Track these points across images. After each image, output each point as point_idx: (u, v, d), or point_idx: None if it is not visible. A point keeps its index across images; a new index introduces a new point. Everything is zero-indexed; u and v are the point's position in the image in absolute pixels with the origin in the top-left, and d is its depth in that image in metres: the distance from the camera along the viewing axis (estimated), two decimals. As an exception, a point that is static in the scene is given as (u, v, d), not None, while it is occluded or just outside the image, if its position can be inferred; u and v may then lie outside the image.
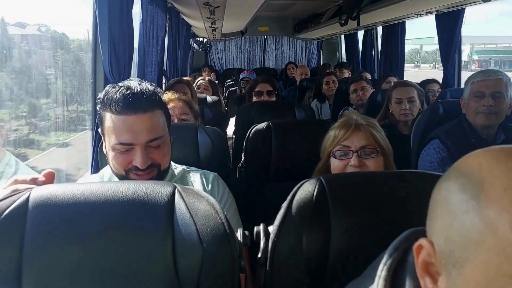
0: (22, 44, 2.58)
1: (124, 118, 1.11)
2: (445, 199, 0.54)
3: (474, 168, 0.52)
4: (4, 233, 0.78)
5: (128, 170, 1.14)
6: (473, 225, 0.48)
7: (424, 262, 0.56)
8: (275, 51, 8.53)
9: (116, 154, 1.13)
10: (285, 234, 0.93)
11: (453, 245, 0.51)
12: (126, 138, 1.11)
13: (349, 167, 1.35)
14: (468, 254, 0.49)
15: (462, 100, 2.01)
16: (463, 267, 0.49)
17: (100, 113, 1.16)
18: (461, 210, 0.50)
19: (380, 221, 0.92)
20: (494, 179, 0.48)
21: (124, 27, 2.04)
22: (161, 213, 0.81)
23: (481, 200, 0.48)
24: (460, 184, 0.52)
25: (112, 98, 1.11)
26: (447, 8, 3.29)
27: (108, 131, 1.13)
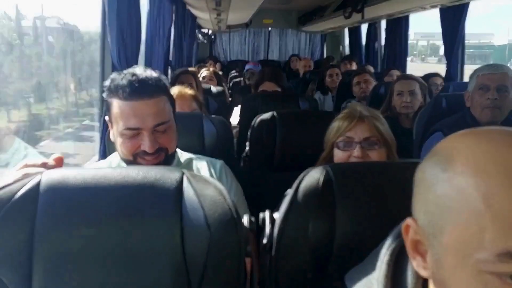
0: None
1: (131, 103, 1.13)
2: (421, 177, 0.59)
3: (443, 147, 0.57)
4: (16, 216, 0.80)
5: (136, 155, 1.16)
6: (444, 193, 0.53)
7: (413, 242, 0.60)
8: (279, 43, 8.51)
9: (124, 140, 1.15)
10: (291, 220, 0.94)
11: (431, 215, 0.55)
12: (133, 123, 1.13)
13: (352, 158, 1.36)
14: (444, 221, 0.53)
15: (466, 93, 2.01)
16: (441, 235, 0.54)
17: (107, 100, 1.19)
18: (433, 183, 0.55)
19: (385, 210, 0.94)
20: (459, 152, 0.54)
21: (132, 16, 2.06)
22: (169, 198, 0.82)
23: (449, 171, 0.54)
24: (432, 161, 0.57)
25: (119, 84, 1.14)
26: (451, 2, 3.29)
27: (116, 117, 1.16)
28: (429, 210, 0.56)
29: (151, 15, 2.96)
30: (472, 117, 1.97)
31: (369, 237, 0.85)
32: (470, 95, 1.98)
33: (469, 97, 1.99)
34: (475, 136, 0.56)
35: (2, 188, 0.81)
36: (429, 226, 0.56)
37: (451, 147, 0.56)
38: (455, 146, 0.56)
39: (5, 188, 0.81)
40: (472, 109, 1.97)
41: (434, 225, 0.55)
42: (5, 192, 0.81)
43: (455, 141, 0.57)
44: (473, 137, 0.56)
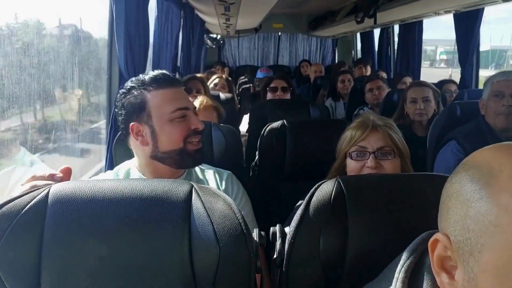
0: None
1: (172, 89, 1.24)
2: (457, 191, 0.56)
3: (482, 160, 0.55)
4: (24, 229, 0.79)
5: (186, 138, 1.23)
6: (488, 211, 0.51)
7: (440, 257, 0.57)
8: (289, 48, 8.49)
9: (175, 124, 1.22)
10: (302, 235, 0.92)
11: (469, 232, 0.52)
12: (183, 103, 1.24)
13: (366, 169, 1.33)
14: (485, 239, 0.51)
15: (481, 101, 1.98)
16: (480, 253, 0.51)
17: (139, 98, 1.22)
18: (475, 198, 0.52)
19: (398, 224, 0.92)
20: (501, 167, 0.52)
21: (140, 23, 2.05)
22: (178, 212, 0.81)
23: (493, 186, 0.51)
24: (470, 175, 0.55)
25: (153, 77, 1.23)
26: (465, 8, 3.24)
27: (158, 107, 1.21)
28: (467, 226, 0.53)
29: (159, 21, 2.96)
30: (487, 125, 1.94)
31: (382, 251, 0.83)
32: (485, 102, 1.95)
33: (483, 104, 1.96)
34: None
35: (11, 201, 0.81)
36: (465, 243, 0.53)
37: (491, 161, 0.54)
38: (495, 159, 0.54)
39: (14, 201, 0.81)
40: (486, 117, 1.95)
41: (472, 243, 0.52)
42: (14, 205, 0.81)
43: (494, 154, 0.55)
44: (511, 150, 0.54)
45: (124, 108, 1.24)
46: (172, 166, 1.25)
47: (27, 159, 1.70)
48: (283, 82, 2.96)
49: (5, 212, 0.79)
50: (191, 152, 1.24)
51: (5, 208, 0.80)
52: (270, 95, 2.95)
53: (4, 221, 0.79)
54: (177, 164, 1.25)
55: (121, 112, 1.25)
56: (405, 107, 2.55)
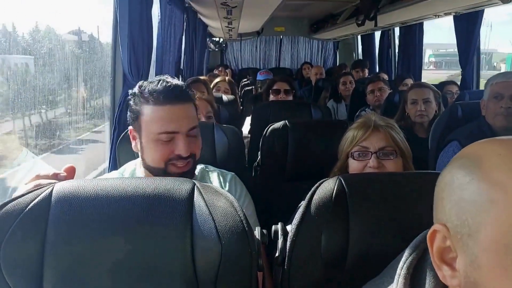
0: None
1: (167, 108, 1.15)
2: (449, 181, 0.58)
3: (469, 151, 0.58)
4: (27, 227, 0.80)
5: (168, 161, 1.17)
6: (481, 189, 0.53)
7: (439, 250, 0.58)
8: (290, 51, 8.50)
9: (158, 145, 1.16)
10: (304, 233, 0.93)
11: (466, 214, 0.54)
12: (171, 126, 1.15)
13: (368, 168, 1.34)
14: (481, 216, 0.52)
15: (482, 101, 2.00)
16: (478, 232, 0.52)
17: (135, 108, 1.19)
18: (467, 181, 0.55)
19: (399, 221, 0.92)
20: (488, 152, 0.55)
21: (144, 27, 2.07)
22: (180, 210, 0.82)
23: (482, 167, 0.54)
24: (459, 164, 0.58)
25: (154, 89, 1.16)
26: (466, 10, 3.25)
27: (148, 123, 1.16)
28: (463, 209, 0.55)
29: (163, 24, 2.98)
30: (488, 126, 1.95)
31: (384, 249, 0.84)
32: (486, 103, 1.97)
33: (484, 105, 1.98)
34: (499, 140, 0.57)
35: (14, 199, 0.82)
36: (463, 226, 0.55)
37: (478, 150, 0.57)
38: (482, 148, 0.57)
39: (17, 199, 0.82)
40: (487, 117, 1.96)
41: (469, 224, 0.54)
42: (18, 204, 0.81)
43: (480, 145, 0.58)
44: (498, 140, 0.57)
45: (129, 110, 1.23)
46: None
47: (29, 160, 1.72)
48: (286, 84, 2.98)
49: (9, 210, 0.80)
50: (172, 174, 1.18)
51: (9, 207, 0.80)
52: (272, 97, 2.97)
53: (7, 219, 0.79)
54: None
55: (128, 113, 1.24)
56: (406, 109, 2.55)
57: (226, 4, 3.68)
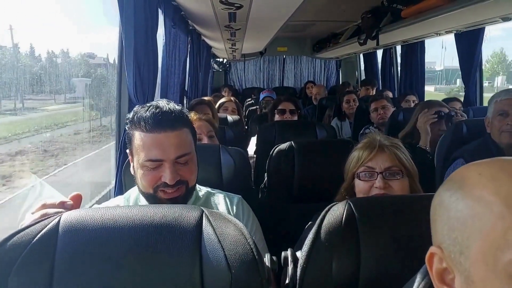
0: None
1: (153, 135, 1.15)
2: (438, 203, 0.62)
3: (454, 174, 0.63)
4: (36, 257, 0.79)
5: (156, 188, 1.16)
6: (464, 206, 0.57)
7: (439, 272, 0.60)
8: (294, 70, 8.56)
9: (145, 172, 1.16)
10: (315, 259, 0.92)
11: (454, 232, 0.58)
12: (155, 154, 1.14)
13: (374, 189, 1.33)
14: (468, 231, 0.56)
15: (486, 119, 2.00)
16: (468, 248, 0.55)
17: (129, 132, 1.20)
18: (452, 200, 0.59)
19: (410, 245, 0.91)
20: (470, 173, 0.59)
21: (149, 50, 2.09)
22: (189, 238, 0.81)
23: (466, 187, 0.58)
24: (446, 186, 0.62)
25: (142, 116, 1.15)
26: (466, 28, 3.27)
27: (137, 149, 1.16)
28: (452, 227, 0.58)
29: (167, 47, 3.02)
30: (493, 143, 1.94)
31: (395, 272, 0.83)
32: (490, 121, 1.97)
33: (489, 122, 1.99)
34: (481, 162, 0.61)
35: (21, 230, 0.81)
36: (454, 244, 0.58)
37: (462, 172, 0.61)
38: (465, 170, 0.61)
39: (25, 230, 0.81)
40: (492, 134, 1.97)
41: (459, 241, 0.57)
42: (25, 235, 0.81)
43: (464, 168, 0.62)
44: (480, 162, 0.61)
45: (126, 133, 1.24)
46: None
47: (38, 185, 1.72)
48: (291, 104, 3.00)
49: (17, 241, 0.80)
50: (163, 200, 1.17)
51: (16, 238, 0.80)
52: (278, 117, 2.98)
53: (15, 250, 0.79)
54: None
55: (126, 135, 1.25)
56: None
57: (229, 26, 3.72)
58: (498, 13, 2.61)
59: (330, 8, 4.27)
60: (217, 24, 3.65)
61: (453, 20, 3.00)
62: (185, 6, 3.09)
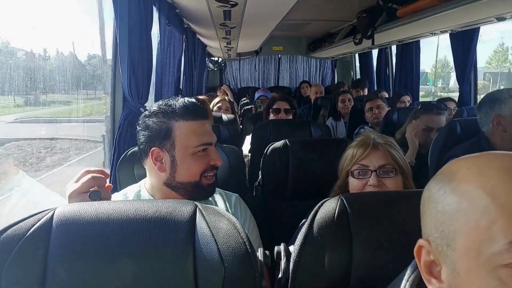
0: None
1: (200, 122, 1.24)
2: (427, 196, 0.63)
3: (444, 168, 0.63)
4: (29, 252, 0.79)
5: (203, 173, 1.24)
6: (452, 201, 0.58)
7: (426, 264, 0.62)
8: (289, 70, 8.58)
9: (197, 158, 1.23)
10: (307, 254, 0.93)
11: (441, 225, 0.59)
12: (207, 139, 1.24)
13: (368, 187, 1.34)
14: (454, 225, 0.57)
15: (496, 117, 1.89)
16: (453, 241, 0.57)
17: (163, 125, 1.21)
18: (440, 194, 0.60)
19: (402, 240, 0.92)
20: (459, 166, 0.60)
21: (143, 48, 2.09)
22: (182, 232, 0.82)
23: (453, 181, 0.59)
24: (435, 180, 0.63)
25: (184, 106, 1.22)
26: (461, 27, 3.29)
27: (185, 138, 1.21)
28: (439, 220, 0.59)
29: (162, 45, 3.01)
30: (487, 142, 1.91)
31: (387, 268, 0.84)
32: (507, 119, 1.84)
33: (500, 121, 1.87)
34: (471, 156, 0.62)
35: (15, 224, 0.81)
36: (441, 237, 0.59)
37: (451, 166, 0.62)
38: (455, 164, 0.62)
39: (19, 224, 0.81)
40: (501, 134, 1.86)
41: (446, 234, 0.58)
42: (19, 228, 0.81)
43: (454, 162, 0.63)
44: (470, 156, 0.62)
45: (149, 130, 1.23)
46: (184, 196, 1.25)
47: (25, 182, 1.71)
48: (286, 103, 3.00)
49: (10, 235, 0.80)
50: (205, 186, 1.25)
51: (10, 231, 0.80)
52: (272, 116, 2.98)
53: (8, 244, 0.79)
54: (189, 195, 1.24)
55: (144, 133, 1.23)
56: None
57: (224, 24, 3.72)
58: (493, 13, 2.63)
59: (325, 7, 4.28)
60: (212, 22, 3.64)
61: (448, 20, 3.01)
62: (180, 3, 3.09)
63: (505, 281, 0.52)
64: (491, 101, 1.93)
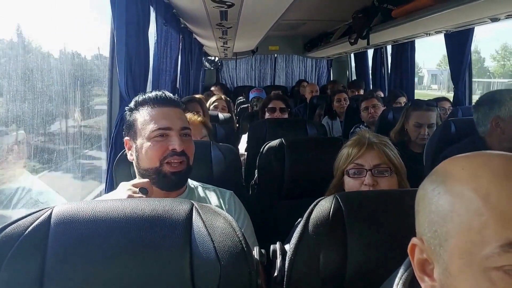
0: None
1: (161, 109, 1.27)
2: (422, 195, 0.64)
3: (439, 167, 0.64)
4: (27, 250, 0.80)
5: (163, 159, 1.24)
6: (445, 201, 0.58)
7: (419, 262, 0.62)
8: (285, 69, 8.59)
9: (153, 143, 1.24)
10: (302, 252, 0.94)
11: (435, 225, 0.59)
12: (164, 123, 1.24)
13: (363, 186, 1.35)
14: (447, 226, 0.57)
15: (495, 118, 1.86)
16: (446, 242, 0.57)
17: (130, 117, 1.29)
18: (434, 194, 0.60)
19: (395, 238, 0.92)
20: (454, 166, 0.61)
21: (141, 48, 2.09)
22: (179, 230, 0.82)
23: (448, 181, 0.59)
24: (430, 179, 0.63)
25: (148, 96, 1.28)
26: (456, 28, 3.31)
27: (144, 125, 1.25)
28: (432, 220, 0.60)
29: (159, 45, 3.01)
30: (482, 142, 1.92)
31: (381, 266, 0.85)
32: (506, 121, 1.82)
33: (498, 123, 1.85)
34: (467, 155, 0.62)
35: (14, 222, 0.82)
36: (434, 237, 0.59)
37: (446, 165, 0.63)
38: (449, 163, 0.62)
39: (17, 222, 0.82)
40: (500, 135, 1.85)
41: (439, 234, 0.58)
42: (17, 227, 0.81)
43: (449, 161, 0.63)
44: (464, 156, 0.62)
45: (124, 125, 1.33)
46: (154, 185, 1.25)
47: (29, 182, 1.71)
48: (281, 102, 3.02)
49: (8, 233, 0.80)
50: (167, 173, 1.24)
51: (8, 230, 0.81)
52: (268, 115, 2.99)
53: (7, 243, 0.79)
54: (157, 184, 1.26)
55: (124, 127, 1.33)
56: (407, 126, 2.55)
57: (221, 24, 3.72)
58: (487, 14, 2.65)
59: (321, 7, 4.29)
60: (209, 22, 3.64)
61: (443, 21, 3.03)
62: (176, 4, 3.09)
63: (496, 283, 0.52)
64: (490, 102, 1.90)
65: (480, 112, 1.95)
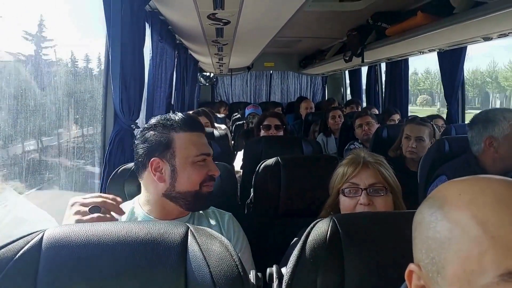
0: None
1: (198, 134, 1.30)
2: (419, 220, 0.63)
3: (436, 192, 0.63)
4: (18, 274, 0.78)
5: (202, 182, 1.28)
6: (443, 228, 0.57)
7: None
8: (280, 85, 8.63)
9: (197, 168, 1.27)
10: (299, 276, 0.92)
11: (432, 252, 0.58)
12: (205, 149, 1.30)
13: (359, 206, 1.34)
14: (444, 253, 0.56)
15: (489, 138, 1.85)
16: (444, 269, 0.56)
17: (162, 138, 1.26)
18: (432, 220, 0.59)
19: (394, 262, 0.91)
20: (450, 192, 0.59)
21: (136, 64, 2.09)
22: (174, 254, 0.81)
23: (445, 207, 0.58)
24: (427, 204, 0.62)
25: (183, 119, 1.29)
26: (449, 46, 3.36)
27: (185, 148, 1.26)
28: (429, 247, 0.59)
29: (154, 61, 3.02)
30: (476, 160, 1.92)
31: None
32: (500, 141, 1.82)
33: (492, 143, 1.84)
34: (465, 180, 0.61)
35: (3, 247, 0.79)
36: (431, 264, 0.58)
37: (443, 190, 0.61)
38: (446, 189, 0.61)
39: (6, 247, 0.80)
40: (494, 155, 1.84)
41: (436, 262, 0.57)
42: (7, 251, 0.79)
43: (445, 186, 0.62)
44: (463, 180, 0.61)
45: (148, 143, 1.27)
46: (182, 207, 1.28)
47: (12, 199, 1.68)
48: (276, 120, 3.01)
49: None
50: (205, 195, 1.28)
51: None
52: (263, 132, 2.98)
53: None
54: (188, 205, 1.28)
55: (143, 145, 1.27)
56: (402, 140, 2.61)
57: (217, 41, 3.75)
58: (480, 33, 2.69)
59: (316, 25, 4.34)
60: (204, 39, 3.67)
61: (436, 39, 3.08)
62: (172, 20, 3.11)
63: None
64: (484, 121, 1.90)
65: (474, 131, 1.95)
